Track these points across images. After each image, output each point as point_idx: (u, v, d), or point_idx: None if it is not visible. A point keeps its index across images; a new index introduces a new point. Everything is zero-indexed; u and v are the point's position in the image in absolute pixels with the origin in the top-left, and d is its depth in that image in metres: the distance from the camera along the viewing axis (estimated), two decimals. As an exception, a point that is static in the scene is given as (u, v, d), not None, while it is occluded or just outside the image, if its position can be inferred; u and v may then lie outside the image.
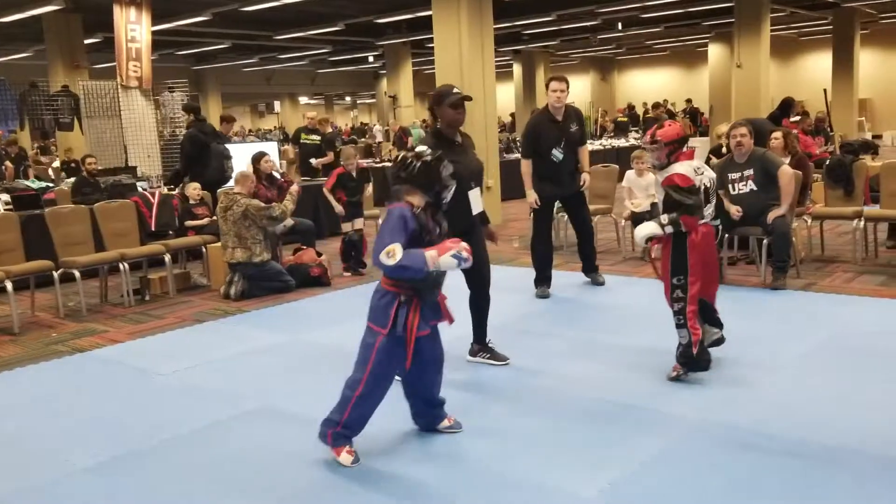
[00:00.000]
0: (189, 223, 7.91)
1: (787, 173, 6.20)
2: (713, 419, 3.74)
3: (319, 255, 7.63)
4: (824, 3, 18.48)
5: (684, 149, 4.19)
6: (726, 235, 6.56)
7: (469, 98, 4.38)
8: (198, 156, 8.73)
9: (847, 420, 3.64)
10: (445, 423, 3.70)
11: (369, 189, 8.32)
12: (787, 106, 10.41)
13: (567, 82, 6.37)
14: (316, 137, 11.30)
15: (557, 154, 6.27)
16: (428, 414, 3.69)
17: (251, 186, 7.18)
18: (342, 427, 3.41)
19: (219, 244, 7.34)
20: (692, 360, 4.15)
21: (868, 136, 18.76)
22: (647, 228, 4.16)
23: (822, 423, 3.62)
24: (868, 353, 4.59)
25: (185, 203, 8.08)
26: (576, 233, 6.82)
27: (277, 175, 8.52)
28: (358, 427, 3.44)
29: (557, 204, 6.77)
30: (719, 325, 4.41)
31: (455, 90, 4.38)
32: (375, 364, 3.33)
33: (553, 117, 6.29)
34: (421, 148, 3.39)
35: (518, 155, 14.26)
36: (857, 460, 3.24)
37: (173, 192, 8.55)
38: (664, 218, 4.08)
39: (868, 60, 23.74)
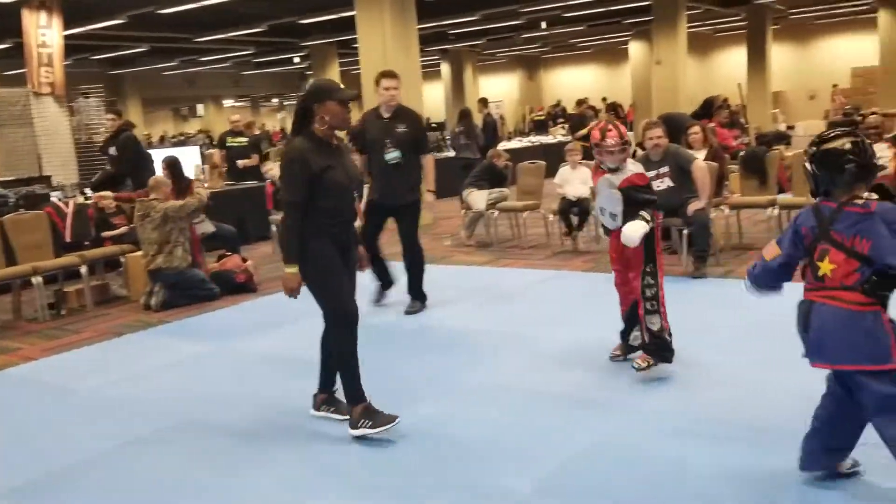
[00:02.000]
0: (105, 234, 7.65)
1: (700, 167, 6.36)
2: (643, 408, 3.79)
3: (245, 260, 7.48)
4: (737, -1, 19.07)
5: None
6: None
7: (358, 97, 3.92)
8: (139, 159, 8.52)
9: (771, 401, 3.74)
10: (848, 462, 2.90)
11: None
12: (708, 105, 10.68)
13: (399, 79, 5.82)
14: (243, 139, 11.13)
15: (389, 156, 5.71)
16: (822, 459, 2.90)
17: (168, 192, 7.03)
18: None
19: (138, 253, 7.14)
20: (665, 347, 4.13)
21: (782, 127, 19.35)
22: (640, 228, 4.05)
23: (748, 405, 3.71)
24: (787, 336, 4.71)
25: (100, 212, 7.82)
26: (402, 250, 6.05)
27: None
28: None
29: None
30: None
31: (342, 86, 3.78)
32: None
33: (380, 114, 5.84)
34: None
35: (447, 153, 14.40)
36: (783, 440, 3.32)
37: (89, 202, 8.26)
38: (645, 214, 4.08)
39: (780, 54, 24.55)
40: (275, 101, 39.94)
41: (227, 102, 34.80)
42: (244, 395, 4.44)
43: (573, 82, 30.72)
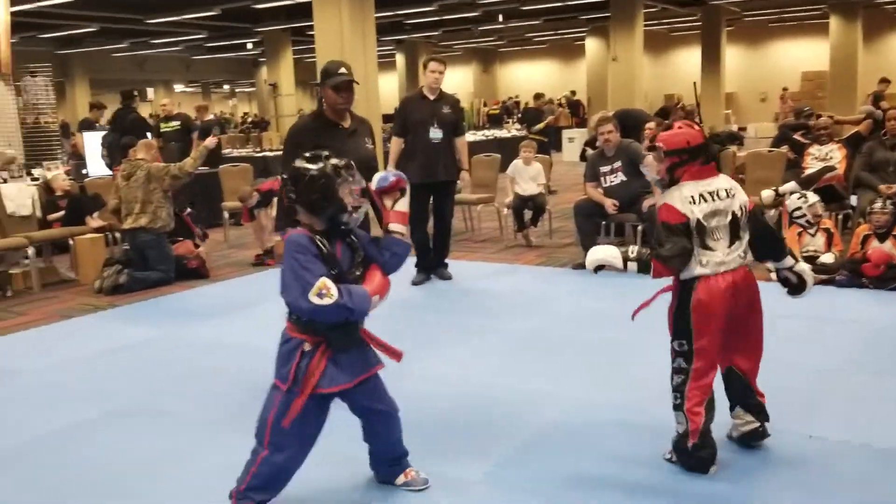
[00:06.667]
0: (51, 216, 7.49)
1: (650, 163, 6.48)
2: (590, 398, 3.85)
3: (197, 246, 7.38)
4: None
5: (698, 163, 2.98)
6: (603, 223, 6.85)
7: (355, 82, 3.94)
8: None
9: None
10: (402, 478, 3.06)
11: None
12: (665, 114, 10.91)
13: (445, 65, 6.34)
14: (175, 123, 11.07)
15: (435, 133, 6.14)
16: (382, 468, 3.11)
17: (155, 154, 7.12)
18: (245, 490, 2.81)
19: (87, 236, 7.05)
20: (685, 454, 3.01)
21: (734, 128, 19.82)
22: (600, 253, 2.97)
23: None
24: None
25: (49, 194, 7.65)
26: (434, 223, 6.56)
27: None
28: (264, 492, 2.82)
29: None
30: (759, 413, 3.11)
31: (341, 70, 3.93)
32: (274, 423, 2.73)
33: (425, 95, 6.25)
34: (314, 156, 2.66)
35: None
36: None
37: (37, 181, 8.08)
38: (633, 250, 2.97)
39: (733, 56, 25.04)
40: (226, 87, 39.34)
41: (178, 87, 34.16)
42: (188, 380, 4.38)
43: (528, 77, 30.91)
